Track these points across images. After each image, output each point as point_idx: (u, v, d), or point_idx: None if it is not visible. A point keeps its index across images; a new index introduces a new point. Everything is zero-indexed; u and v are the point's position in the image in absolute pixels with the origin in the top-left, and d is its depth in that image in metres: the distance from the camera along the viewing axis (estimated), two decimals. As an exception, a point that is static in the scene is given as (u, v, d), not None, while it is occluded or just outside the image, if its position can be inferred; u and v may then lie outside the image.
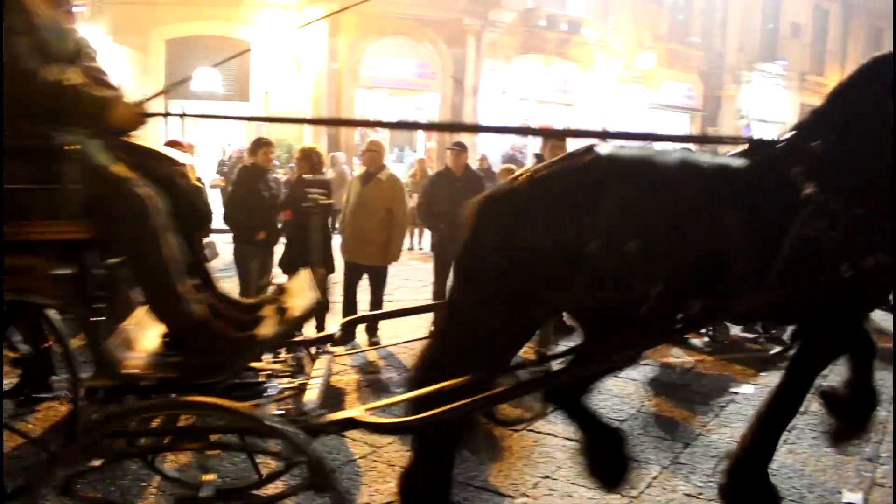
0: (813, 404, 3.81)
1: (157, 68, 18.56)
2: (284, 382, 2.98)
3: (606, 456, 3.42)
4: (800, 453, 4.15)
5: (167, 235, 2.79)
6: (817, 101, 3.41)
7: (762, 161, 3.15)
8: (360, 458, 4.13)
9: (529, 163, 8.35)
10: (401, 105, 21.62)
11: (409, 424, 2.84)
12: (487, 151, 17.39)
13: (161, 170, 3.10)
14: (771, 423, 3.34)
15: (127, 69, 17.11)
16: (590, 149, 3.01)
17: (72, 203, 2.64)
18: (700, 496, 3.71)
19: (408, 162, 19.05)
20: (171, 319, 2.84)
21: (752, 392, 5.45)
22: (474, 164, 14.00)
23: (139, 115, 2.95)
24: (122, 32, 17.41)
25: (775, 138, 3.38)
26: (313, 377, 3.00)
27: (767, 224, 2.97)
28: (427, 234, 11.03)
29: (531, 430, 4.47)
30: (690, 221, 2.88)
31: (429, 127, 21.22)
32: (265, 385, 2.94)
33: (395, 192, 6.83)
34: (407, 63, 20.82)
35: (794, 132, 3.32)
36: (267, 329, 2.94)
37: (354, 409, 2.84)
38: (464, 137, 8.40)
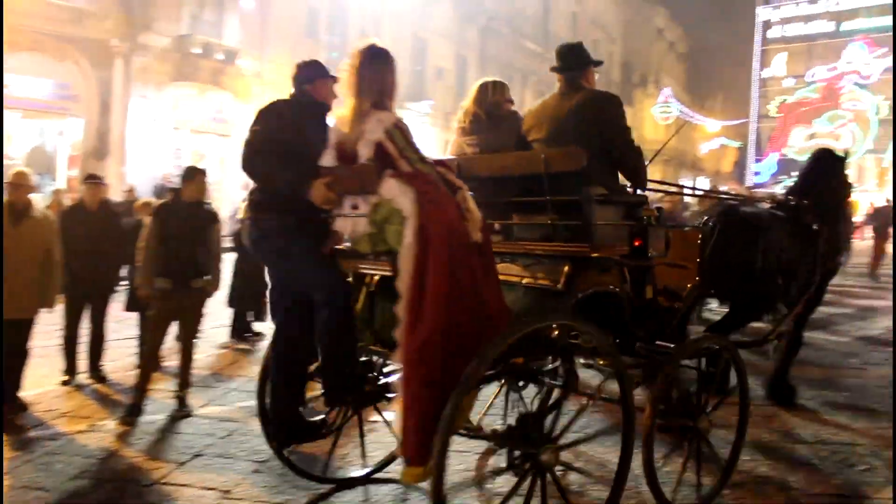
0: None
1: None
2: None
3: None
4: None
5: None
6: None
7: (789, 211, 5.43)
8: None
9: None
10: (39, 129, 19.49)
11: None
12: (137, 183, 16.20)
13: None
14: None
15: None
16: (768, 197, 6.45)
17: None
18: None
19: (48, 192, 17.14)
20: (647, 304, 4.07)
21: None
22: (122, 195, 13.25)
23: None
24: None
25: (789, 198, 5.74)
26: None
27: (806, 247, 5.29)
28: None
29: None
30: (784, 244, 5.02)
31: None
32: None
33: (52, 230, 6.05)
34: (45, 83, 18.50)
35: (789, 194, 5.88)
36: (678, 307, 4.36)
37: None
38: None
